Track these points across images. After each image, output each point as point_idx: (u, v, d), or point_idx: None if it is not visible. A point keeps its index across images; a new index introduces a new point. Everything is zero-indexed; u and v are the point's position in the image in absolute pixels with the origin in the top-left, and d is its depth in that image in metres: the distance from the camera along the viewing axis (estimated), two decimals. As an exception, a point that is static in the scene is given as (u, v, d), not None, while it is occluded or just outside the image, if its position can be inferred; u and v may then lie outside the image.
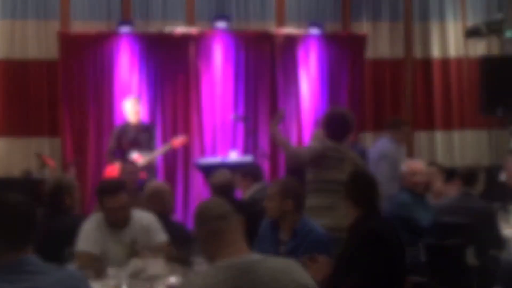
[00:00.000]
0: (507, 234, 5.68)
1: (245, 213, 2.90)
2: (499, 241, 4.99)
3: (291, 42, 9.17)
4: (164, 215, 4.74)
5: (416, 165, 5.91)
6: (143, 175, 6.82)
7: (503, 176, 6.35)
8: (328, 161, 4.95)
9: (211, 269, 2.49)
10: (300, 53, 9.20)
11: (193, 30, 8.96)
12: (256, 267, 2.44)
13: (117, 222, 4.24)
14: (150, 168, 7.60)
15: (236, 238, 2.58)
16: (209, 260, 2.60)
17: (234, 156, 8.37)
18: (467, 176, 5.60)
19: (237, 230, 2.60)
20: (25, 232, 2.46)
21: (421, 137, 9.82)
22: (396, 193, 5.92)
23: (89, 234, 4.15)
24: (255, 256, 2.52)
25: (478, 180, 5.61)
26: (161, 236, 4.36)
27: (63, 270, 2.60)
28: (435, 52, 9.80)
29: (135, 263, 3.79)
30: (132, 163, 6.74)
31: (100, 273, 3.50)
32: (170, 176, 8.75)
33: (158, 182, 6.55)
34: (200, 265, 3.61)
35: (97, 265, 3.76)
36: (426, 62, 9.82)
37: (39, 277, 2.41)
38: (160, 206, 4.88)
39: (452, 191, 6.13)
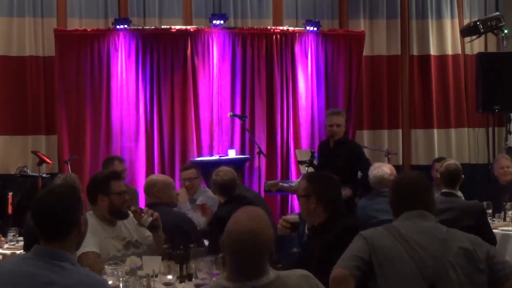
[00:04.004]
0: (501, 231, 5.71)
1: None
2: (491, 239, 4.95)
3: (288, 40, 9.17)
4: (173, 206, 5.08)
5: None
6: None
7: None
8: None
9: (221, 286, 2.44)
10: (297, 50, 9.19)
11: (190, 27, 8.96)
12: None
13: (123, 209, 4.23)
14: None
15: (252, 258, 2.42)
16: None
17: (232, 154, 8.37)
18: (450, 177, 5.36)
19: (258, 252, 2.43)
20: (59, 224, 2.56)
21: (418, 135, 9.82)
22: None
23: (88, 234, 4.10)
24: (266, 279, 2.41)
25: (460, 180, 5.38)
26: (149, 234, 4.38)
27: (90, 275, 2.58)
28: (432, 49, 9.80)
29: (132, 260, 3.79)
30: (123, 163, 6.76)
31: (101, 271, 3.50)
32: (168, 174, 8.75)
33: (162, 175, 6.60)
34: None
35: (102, 263, 3.75)
36: (423, 60, 9.81)
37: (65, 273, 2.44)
38: (169, 197, 5.04)
39: None
